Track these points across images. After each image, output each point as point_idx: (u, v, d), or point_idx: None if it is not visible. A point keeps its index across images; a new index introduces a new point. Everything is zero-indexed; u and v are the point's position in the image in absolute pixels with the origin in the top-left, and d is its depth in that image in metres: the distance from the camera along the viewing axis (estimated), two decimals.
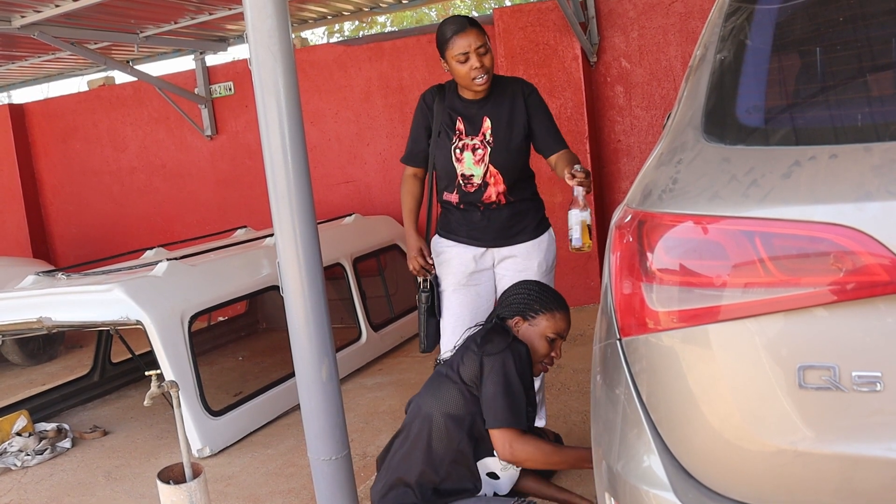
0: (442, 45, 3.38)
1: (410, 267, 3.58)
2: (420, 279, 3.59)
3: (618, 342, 1.66)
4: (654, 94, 6.66)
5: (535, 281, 3.17)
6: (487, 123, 3.45)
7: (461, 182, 3.47)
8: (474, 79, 3.34)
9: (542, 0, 6.54)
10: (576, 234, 3.18)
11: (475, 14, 15.74)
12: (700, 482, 1.54)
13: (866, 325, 1.36)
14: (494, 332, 2.91)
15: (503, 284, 3.52)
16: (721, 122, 1.59)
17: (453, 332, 3.49)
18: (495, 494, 2.99)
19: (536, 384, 3.51)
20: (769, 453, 1.46)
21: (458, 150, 3.46)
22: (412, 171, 3.66)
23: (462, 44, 3.30)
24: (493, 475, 2.90)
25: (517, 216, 3.53)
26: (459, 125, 3.47)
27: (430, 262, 3.58)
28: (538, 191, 3.67)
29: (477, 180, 3.45)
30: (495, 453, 2.83)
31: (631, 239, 1.59)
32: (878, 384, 1.36)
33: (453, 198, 3.52)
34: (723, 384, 1.49)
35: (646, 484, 1.58)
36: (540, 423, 3.65)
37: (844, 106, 1.53)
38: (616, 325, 1.65)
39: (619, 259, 1.63)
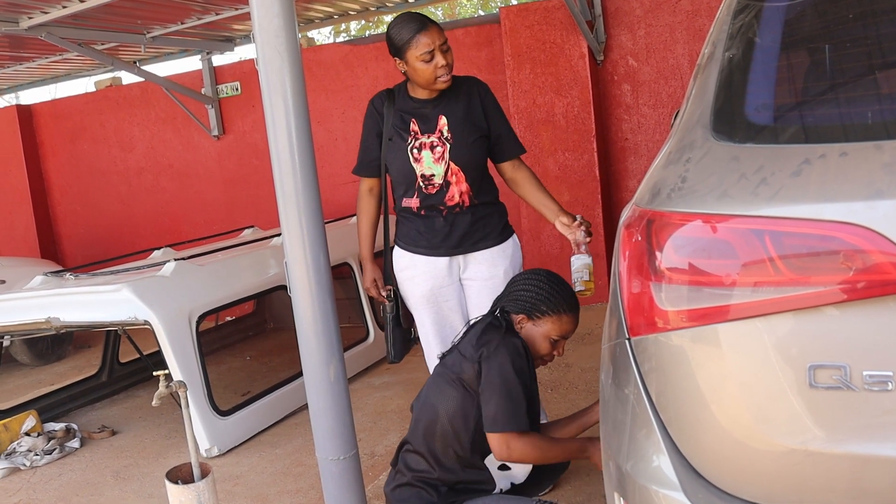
0: (401, 46, 3.22)
1: (365, 287, 3.60)
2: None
3: (627, 341, 1.66)
4: (662, 93, 6.65)
5: (545, 273, 3.02)
6: (444, 121, 3.32)
7: (421, 184, 3.34)
8: (439, 77, 3.22)
9: None
10: (583, 278, 3.21)
11: (481, 13, 15.73)
12: (710, 482, 1.54)
13: (877, 324, 1.36)
14: (491, 329, 2.85)
15: (472, 293, 3.43)
16: (730, 121, 1.59)
17: (437, 345, 3.43)
18: (512, 486, 2.97)
19: None
20: (779, 453, 1.45)
21: (415, 151, 3.33)
22: (367, 186, 3.58)
23: (426, 41, 3.16)
24: (504, 467, 2.88)
25: (480, 221, 3.38)
26: (413, 126, 3.34)
27: (385, 291, 3.53)
28: (499, 197, 3.55)
29: (438, 180, 3.31)
30: None
31: (640, 238, 1.58)
32: (890, 383, 1.35)
33: (413, 202, 3.38)
34: (732, 384, 1.48)
35: (655, 484, 1.57)
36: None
37: (854, 103, 1.52)
38: (625, 325, 1.65)
39: (627, 258, 1.63)
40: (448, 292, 3.43)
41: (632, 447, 1.64)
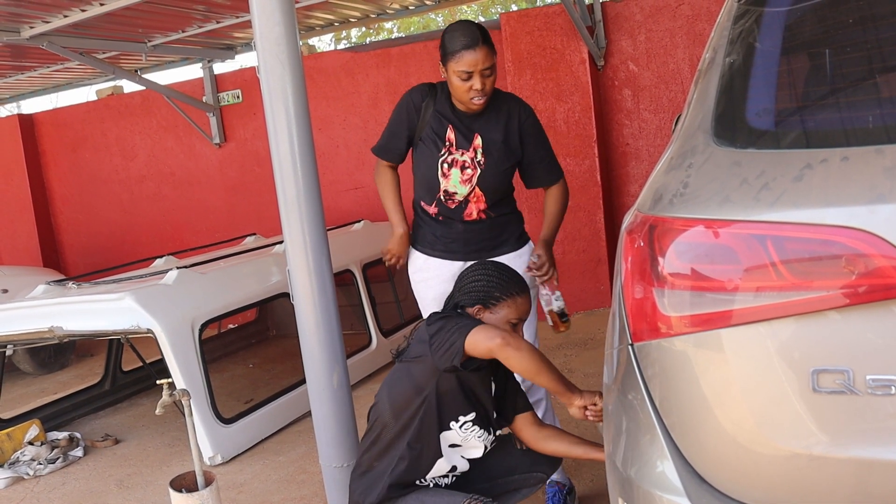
0: (446, 55, 3.14)
1: (388, 248, 3.41)
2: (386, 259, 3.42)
3: (630, 347, 1.66)
4: (662, 98, 6.66)
5: (492, 262, 2.94)
6: (479, 140, 3.23)
7: (442, 197, 3.27)
8: (472, 98, 3.12)
9: (549, 4, 6.53)
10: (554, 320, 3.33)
11: (482, 19, 15.74)
12: (714, 487, 1.53)
13: (880, 328, 1.36)
14: (445, 313, 2.78)
15: None
16: (731, 126, 1.59)
17: None
18: (467, 470, 2.86)
19: (542, 403, 3.43)
20: (783, 458, 1.45)
21: (445, 166, 3.24)
22: (386, 164, 3.44)
23: (469, 61, 3.06)
24: (455, 446, 2.80)
25: (498, 227, 3.34)
26: (450, 134, 3.24)
27: (404, 260, 3.42)
28: (518, 205, 3.49)
29: (459, 198, 3.26)
30: (453, 429, 2.69)
31: (642, 244, 1.59)
32: (893, 387, 1.35)
33: (431, 209, 3.32)
34: (736, 388, 1.48)
35: (659, 489, 1.57)
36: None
37: (855, 108, 1.53)
38: (628, 330, 1.65)
39: (630, 264, 1.63)
40: None
41: (635, 452, 1.64)
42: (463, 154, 3.23)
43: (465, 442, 2.74)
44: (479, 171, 3.23)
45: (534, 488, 2.96)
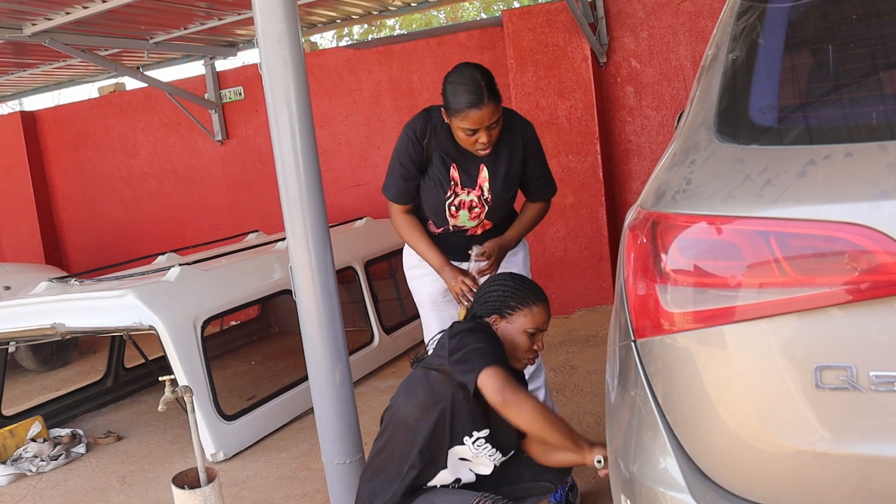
0: (449, 109, 3.01)
1: (454, 291, 3.19)
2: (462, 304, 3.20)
3: (632, 343, 1.66)
4: (665, 94, 6.65)
5: (509, 274, 2.94)
6: (485, 174, 3.18)
7: (450, 228, 3.29)
8: (477, 149, 3.06)
9: (552, 1, 6.53)
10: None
11: (483, 16, 15.74)
12: (716, 483, 1.53)
13: (883, 325, 1.35)
14: (466, 325, 2.77)
15: None
16: (734, 122, 1.59)
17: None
18: (473, 483, 2.86)
19: (541, 392, 3.44)
20: (786, 454, 1.45)
21: (452, 208, 3.22)
22: (403, 209, 3.32)
23: (475, 119, 2.95)
24: (464, 460, 2.80)
25: (493, 233, 3.32)
26: (454, 173, 3.18)
27: (476, 284, 3.17)
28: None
29: (468, 227, 3.30)
30: (467, 444, 2.67)
31: (645, 240, 1.58)
32: None
33: (437, 231, 3.34)
34: (739, 385, 1.48)
35: (662, 486, 1.57)
36: None
37: (859, 104, 1.52)
38: (631, 327, 1.65)
39: (633, 260, 1.63)
40: None
41: (638, 449, 1.64)
42: (469, 193, 3.20)
43: (475, 458, 2.74)
44: (486, 208, 3.24)
45: (540, 497, 2.96)
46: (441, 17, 16.50)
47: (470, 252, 3.23)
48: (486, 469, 2.77)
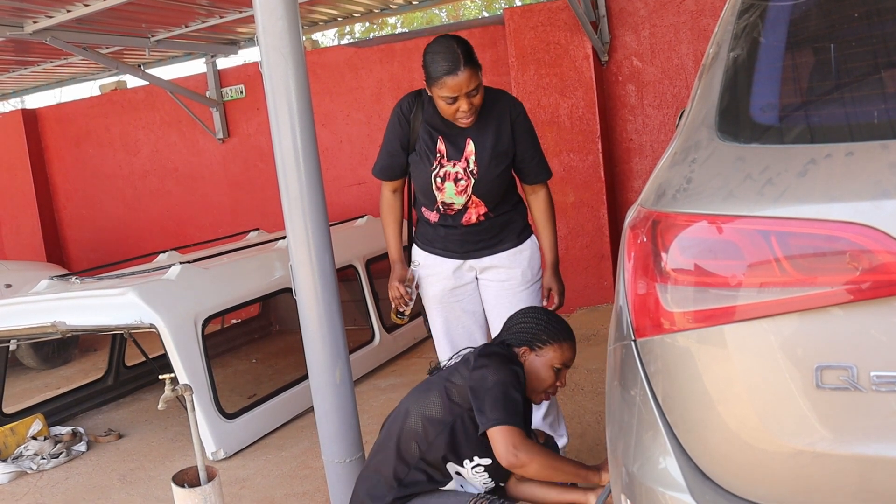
0: (428, 78, 3.04)
1: (390, 294, 3.36)
2: (395, 308, 3.38)
3: (633, 343, 1.65)
4: (666, 93, 6.64)
5: (542, 309, 3.00)
6: (471, 147, 3.17)
7: (441, 207, 3.26)
8: (458, 118, 3.07)
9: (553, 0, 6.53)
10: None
11: (485, 14, 15.73)
12: (717, 484, 1.53)
13: (885, 325, 1.35)
14: (494, 349, 2.82)
15: (488, 295, 3.38)
16: (735, 121, 1.58)
17: (446, 344, 3.40)
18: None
19: (545, 406, 3.44)
20: (787, 454, 1.44)
21: (438, 180, 3.20)
22: (391, 188, 3.39)
23: (452, 86, 2.97)
24: (459, 475, 2.81)
25: (497, 227, 3.31)
26: (440, 145, 3.19)
27: (410, 295, 3.35)
28: (520, 195, 3.45)
29: (458, 206, 3.24)
30: (466, 467, 2.71)
31: (645, 239, 1.58)
32: None
33: (432, 216, 3.32)
34: (739, 385, 1.48)
35: (662, 486, 1.57)
36: (561, 441, 3.48)
37: (860, 103, 1.52)
38: (631, 326, 1.64)
39: (633, 259, 1.62)
40: (462, 293, 3.40)
41: (638, 449, 1.64)
42: (455, 165, 3.19)
43: (469, 480, 2.78)
44: (472, 180, 3.19)
45: None
46: (443, 15, 16.49)
47: (413, 266, 3.32)
48: (475, 491, 2.80)
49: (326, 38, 16.95)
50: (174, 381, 3.16)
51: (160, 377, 3.18)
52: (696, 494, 1.53)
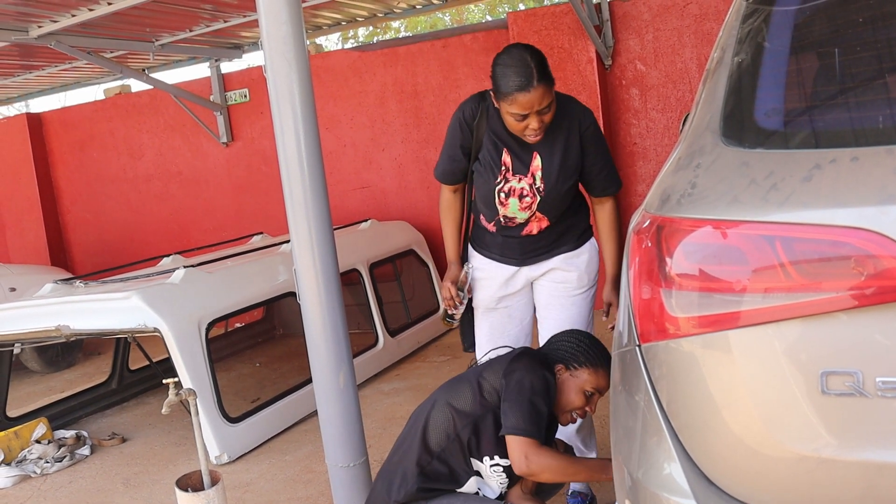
0: (497, 92, 2.84)
1: (441, 294, 3.25)
2: (444, 309, 3.29)
3: (637, 348, 1.65)
4: (670, 97, 6.64)
5: (586, 333, 2.94)
6: (538, 162, 2.99)
7: (502, 220, 3.11)
8: (527, 135, 2.89)
9: (557, 3, 6.53)
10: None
11: (489, 18, 15.74)
12: (721, 489, 1.53)
13: (890, 330, 1.34)
14: (530, 355, 2.82)
15: (541, 295, 3.27)
16: (739, 126, 1.58)
17: (487, 348, 3.26)
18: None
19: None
20: (792, 460, 1.44)
21: (502, 195, 3.04)
22: (451, 189, 3.26)
23: (523, 103, 2.78)
24: (478, 474, 2.82)
25: (557, 234, 3.17)
26: (506, 157, 3.01)
27: (461, 299, 3.22)
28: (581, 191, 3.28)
29: (520, 220, 3.10)
30: (485, 463, 2.73)
31: (650, 244, 1.58)
32: None
33: (489, 226, 3.19)
34: (744, 390, 1.47)
35: (666, 491, 1.56)
36: (591, 454, 3.42)
37: (865, 108, 1.51)
38: (635, 331, 1.64)
39: (637, 264, 1.62)
40: (512, 300, 3.28)
41: (643, 454, 1.63)
42: (521, 180, 3.02)
43: (487, 479, 2.79)
44: (538, 198, 3.04)
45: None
46: (446, 19, 16.52)
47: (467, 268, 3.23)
48: (492, 493, 2.81)
49: (330, 42, 17.00)
50: (178, 384, 3.15)
51: (164, 381, 3.17)
52: (700, 500, 1.52)
